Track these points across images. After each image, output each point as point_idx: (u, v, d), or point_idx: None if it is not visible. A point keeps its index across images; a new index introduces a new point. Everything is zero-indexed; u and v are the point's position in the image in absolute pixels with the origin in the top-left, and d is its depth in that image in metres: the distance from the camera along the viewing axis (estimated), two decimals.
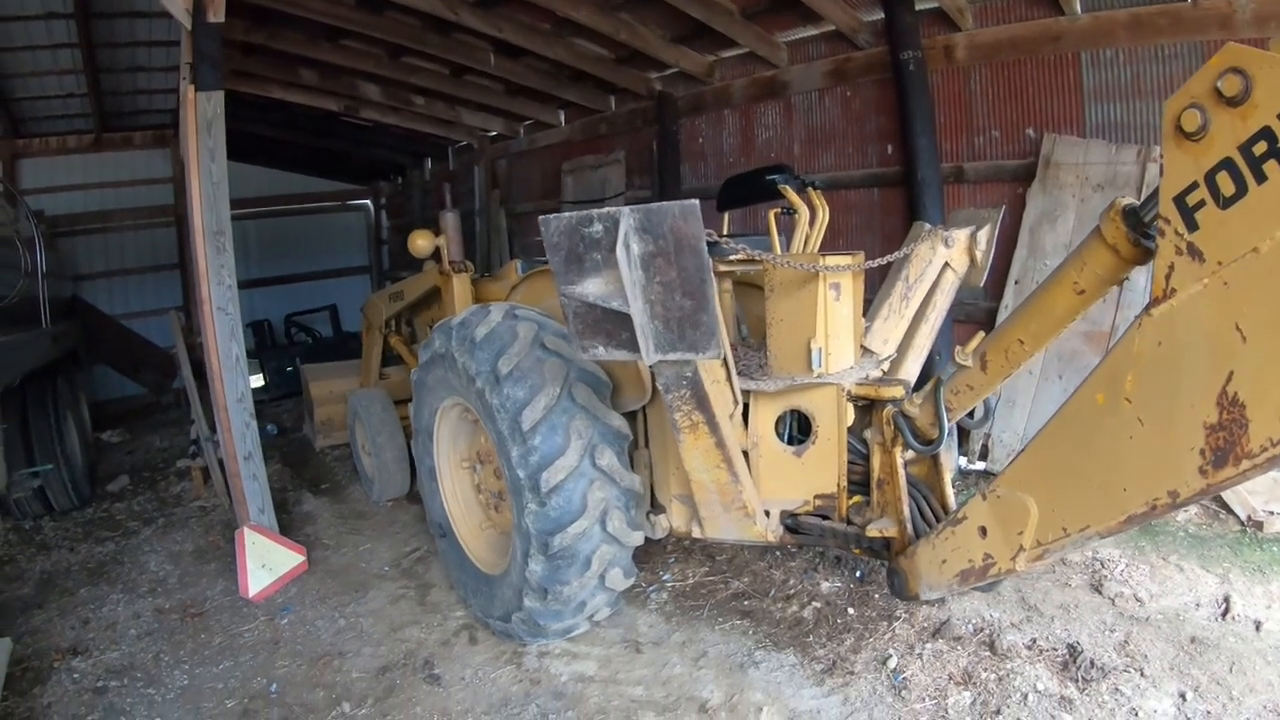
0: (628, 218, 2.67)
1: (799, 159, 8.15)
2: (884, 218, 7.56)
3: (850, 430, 3.93)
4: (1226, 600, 4.34)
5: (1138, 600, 4.46)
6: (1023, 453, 2.77)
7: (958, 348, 3.41)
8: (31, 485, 6.93)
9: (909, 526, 3.61)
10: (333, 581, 5.62)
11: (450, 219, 6.17)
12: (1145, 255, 2.66)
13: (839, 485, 3.89)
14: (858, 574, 5.02)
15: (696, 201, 2.62)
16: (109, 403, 11.97)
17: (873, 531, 3.71)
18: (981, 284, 5.40)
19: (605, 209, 2.73)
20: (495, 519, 4.81)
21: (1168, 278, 2.11)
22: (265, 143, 13.47)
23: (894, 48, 7.00)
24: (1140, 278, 5.96)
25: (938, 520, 3.61)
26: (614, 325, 2.87)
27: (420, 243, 5.76)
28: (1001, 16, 6.68)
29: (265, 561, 5.50)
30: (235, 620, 5.16)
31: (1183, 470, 2.13)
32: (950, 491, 3.81)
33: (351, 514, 6.99)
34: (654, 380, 3.82)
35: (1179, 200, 2.04)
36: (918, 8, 6.87)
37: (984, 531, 2.93)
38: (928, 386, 3.57)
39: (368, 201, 17.24)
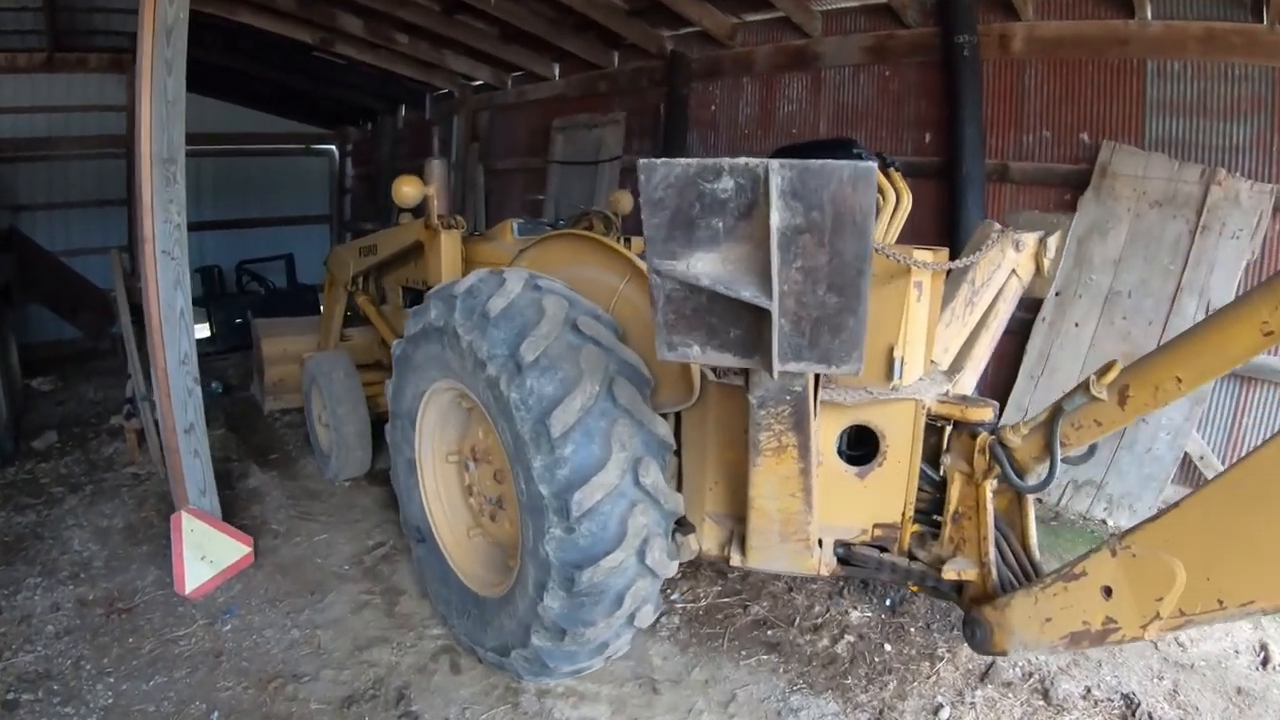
0: (778, 173, 1.97)
1: (824, 138, 7.56)
2: (916, 210, 6.99)
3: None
4: (1264, 648, 4.25)
5: (1179, 645, 4.26)
6: (1173, 510, 2.48)
7: (1091, 377, 2.92)
8: None
9: (993, 572, 3.23)
10: (284, 579, 4.87)
11: (438, 167, 5.42)
12: None
13: (904, 515, 3.46)
14: (888, 602, 4.64)
15: (875, 165, 1.98)
16: (41, 346, 11.09)
17: (949, 573, 3.31)
18: (1048, 294, 4.96)
19: (742, 159, 2.03)
20: (489, 527, 4.07)
21: None
22: (228, 74, 12.62)
23: (946, 30, 6.63)
24: (1190, 304, 6.04)
25: (1020, 566, 3.28)
26: (723, 319, 2.19)
27: (406, 189, 4.96)
28: (1066, 11, 6.38)
29: (205, 552, 4.74)
30: (170, 622, 4.44)
31: None
32: (1034, 534, 3.38)
33: (304, 494, 6.21)
34: (701, 379, 3.36)
35: None
36: None
37: (1109, 592, 2.65)
38: (1041, 415, 3.11)
39: (333, 147, 16.34)
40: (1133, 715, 3.70)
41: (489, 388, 3.24)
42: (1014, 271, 4.37)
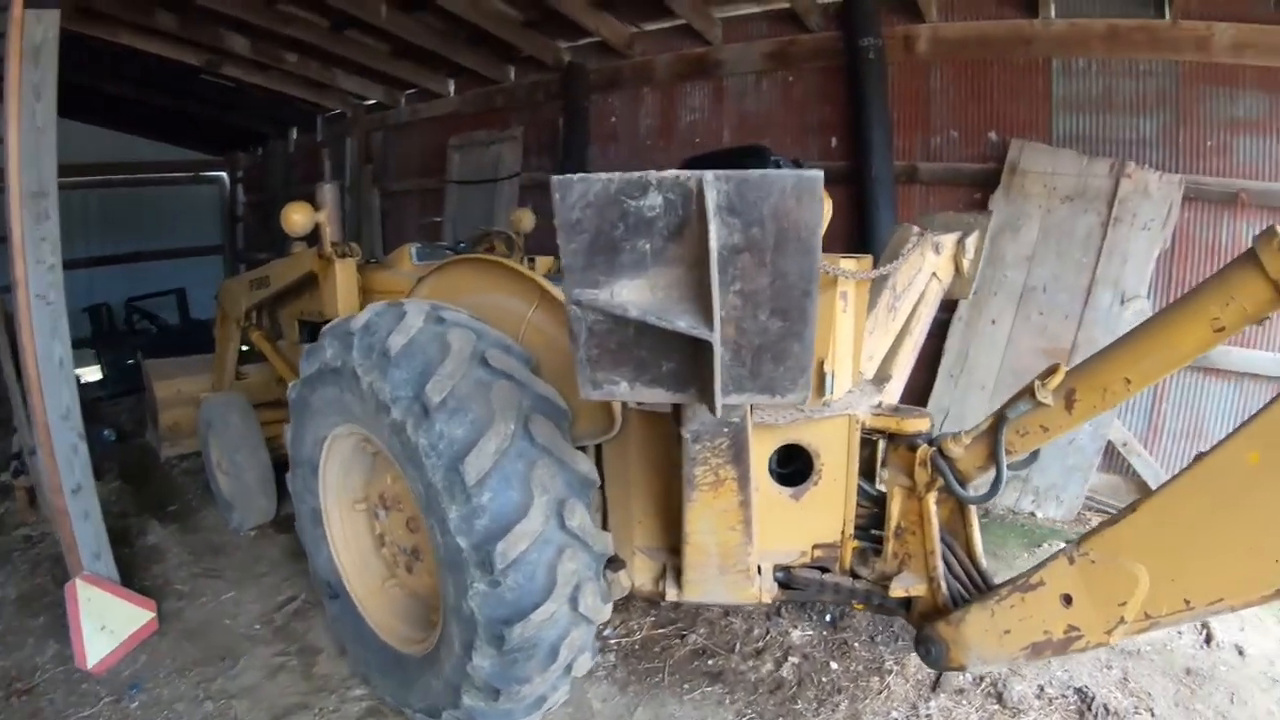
0: (714, 186, 1.79)
1: (726, 146, 7.53)
2: None
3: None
4: (1206, 627, 4.36)
5: None
6: (1130, 514, 2.49)
7: (1037, 382, 2.86)
8: None
9: (943, 586, 3.17)
10: (191, 646, 4.50)
11: (330, 192, 5.13)
12: None
13: (844, 533, 3.38)
14: (827, 618, 4.53)
15: (820, 174, 1.81)
16: None
17: (897, 590, 3.24)
18: (969, 295, 4.96)
19: (670, 171, 1.84)
20: (405, 579, 3.79)
21: None
22: (110, 101, 12.03)
23: (850, 34, 6.64)
24: (1105, 295, 6.12)
25: (968, 576, 3.22)
26: (653, 352, 2.00)
27: (296, 217, 4.65)
28: (970, 12, 6.47)
29: (105, 622, 4.33)
30: (73, 701, 4.05)
31: None
32: (979, 543, 3.29)
33: (207, 548, 5.79)
34: (623, 406, 3.18)
35: None
36: None
37: (1069, 600, 2.66)
38: (984, 423, 3.04)
39: (223, 174, 15.68)
40: (1089, 709, 3.70)
41: (394, 433, 2.98)
42: (934, 274, 4.32)
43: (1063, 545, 5.28)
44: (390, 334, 3.00)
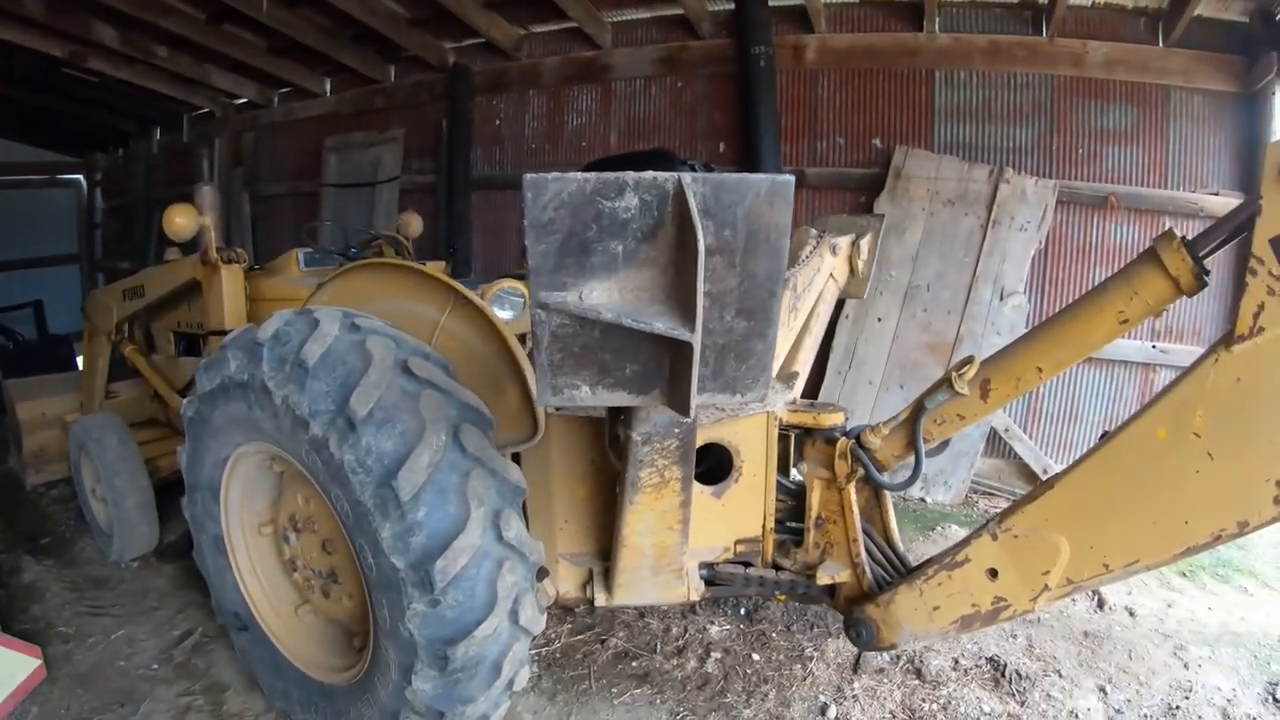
0: (692, 189, 1.77)
1: (615, 148, 7.62)
2: None
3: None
4: (1097, 593, 4.73)
5: None
6: (1048, 490, 2.69)
7: (954, 373, 3.05)
8: None
9: (867, 571, 3.32)
10: (85, 693, 4.13)
11: (210, 194, 4.85)
12: (1200, 288, 2.65)
13: (765, 527, 3.49)
14: (742, 611, 4.61)
15: (792, 179, 1.82)
16: None
17: (823, 578, 3.36)
18: (864, 295, 5.13)
19: (649, 173, 1.81)
20: (321, 604, 3.58)
21: (1256, 316, 2.22)
22: None
23: (741, 41, 6.80)
24: (986, 292, 6.40)
25: (888, 559, 3.41)
26: (618, 355, 1.95)
27: (180, 220, 4.39)
28: (859, 24, 6.77)
29: None
30: None
31: (1256, 501, 2.27)
32: (895, 527, 3.51)
33: (88, 582, 5.38)
34: (545, 415, 3.20)
35: (1275, 242, 2.14)
36: (770, 3, 6.71)
37: (994, 574, 2.84)
38: (902, 414, 3.24)
39: (80, 177, 14.70)
40: (1002, 675, 3.92)
41: (314, 450, 2.81)
42: (831, 275, 4.41)
43: (954, 527, 5.64)
44: (305, 343, 2.82)
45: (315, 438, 2.76)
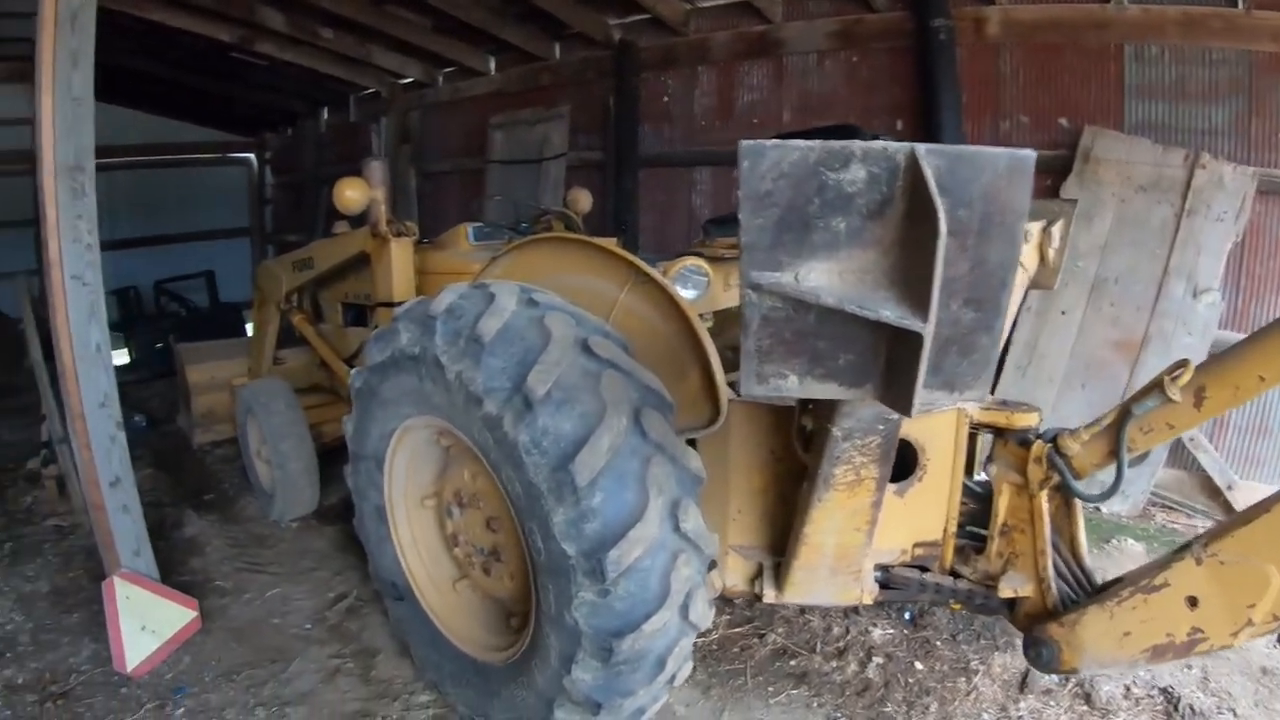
0: (927, 161, 1.55)
1: (788, 129, 7.26)
2: None
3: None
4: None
5: None
6: (1263, 514, 2.40)
7: (1165, 378, 2.72)
8: None
9: (1052, 587, 3.05)
10: (239, 646, 4.23)
11: (380, 169, 4.85)
12: None
13: (946, 531, 3.28)
14: (907, 615, 4.36)
15: (1033, 154, 1.60)
16: None
17: (1005, 591, 3.13)
18: (1054, 286, 4.76)
19: (878, 142, 1.61)
20: (481, 581, 3.51)
21: None
22: (137, 80, 11.87)
23: (919, 14, 6.44)
24: (1178, 287, 5.89)
25: (1074, 576, 3.12)
26: (833, 343, 1.74)
27: (350, 194, 4.38)
28: None
29: (146, 622, 4.08)
30: (113, 708, 3.79)
31: None
32: (1084, 541, 3.18)
33: (249, 539, 5.54)
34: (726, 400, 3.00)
35: None
36: None
37: (1194, 602, 2.56)
38: (1106, 419, 2.89)
39: (251, 155, 15.47)
40: (1175, 709, 3.64)
41: (487, 428, 2.70)
42: (1020, 263, 4.07)
43: (1130, 541, 5.21)
44: (480, 318, 2.71)
45: (489, 415, 2.65)
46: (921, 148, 1.56)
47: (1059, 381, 6.14)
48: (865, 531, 2.79)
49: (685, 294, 3.48)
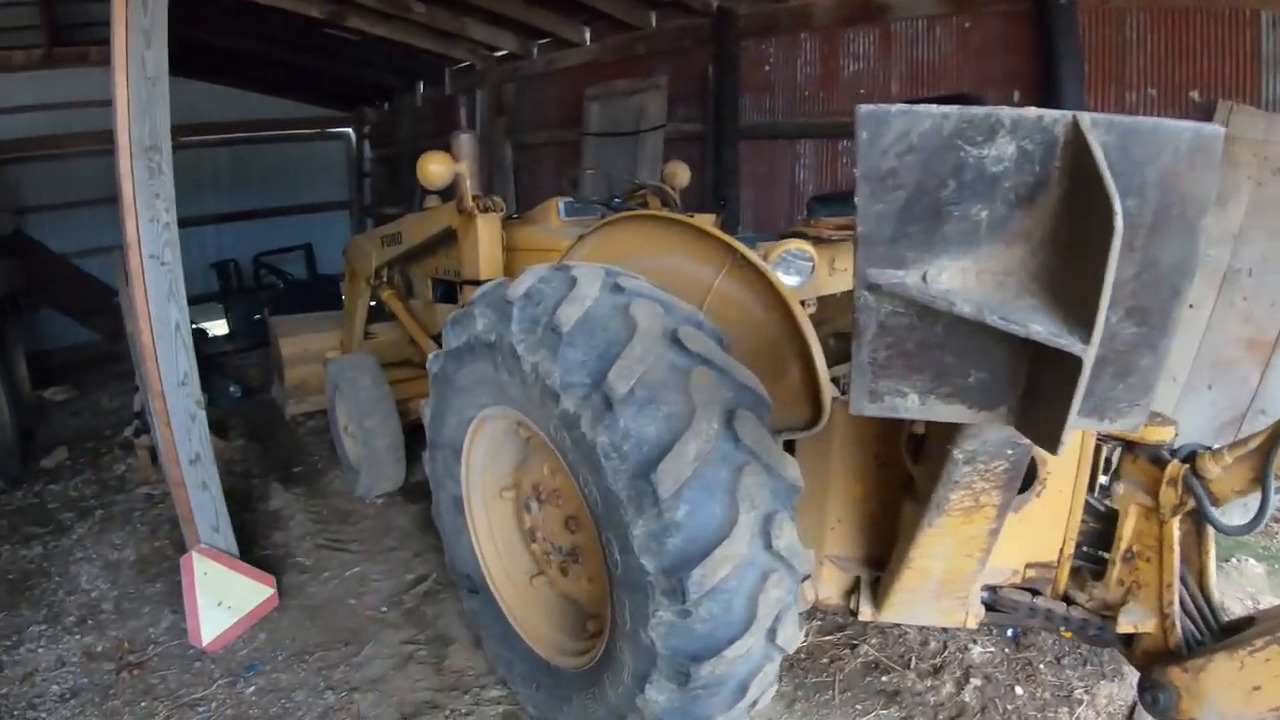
0: (1093, 133, 1.26)
1: (897, 98, 6.78)
2: None
3: None
4: None
5: None
6: None
7: None
8: None
9: (1176, 625, 2.72)
10: (313, 626, 4.20)
11: (468, 142, 4.68)
12: None
13: (1063, 553, 2.96)
14: (1009, 634, 4.00)
15: (1221, 131, 1.31)
16: (55, 352, 10.77)
17: (1124, 624, 2.81)
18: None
19: (1031, 110, 1.31)
20: (558, 580, 3.33)
21: None
22: (235, 59, 12.04)
23: None
24: None
25: (1199, 613, 2.80)
26: (963, 358, 1.46)
27: (434, 168, 4.22)
28: None
29: (222, 597, 4.09)
30: (186, 681, 3.83)
31: None
32: (1214, 575, 2.84)
33: (332, 515, 5.53)
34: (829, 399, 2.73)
35: None
36: None
37: None
38: (1253, 441, 2.50)
39: (349, 130, 15.57)
40: None
41: (564, 426, 2.49)
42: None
43: (1250, 561, 4.79)
44: (560, 305, 2.49)
45: (566, 413, 2.44)
46: (1086, 117, 1.26)
47: (1183, 382, 5.61)
48: (978, 559, 2.52)
49: (788, 280, 3.19)
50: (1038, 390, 1.46)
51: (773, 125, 7.76)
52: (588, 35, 9.65)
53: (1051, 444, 1.43)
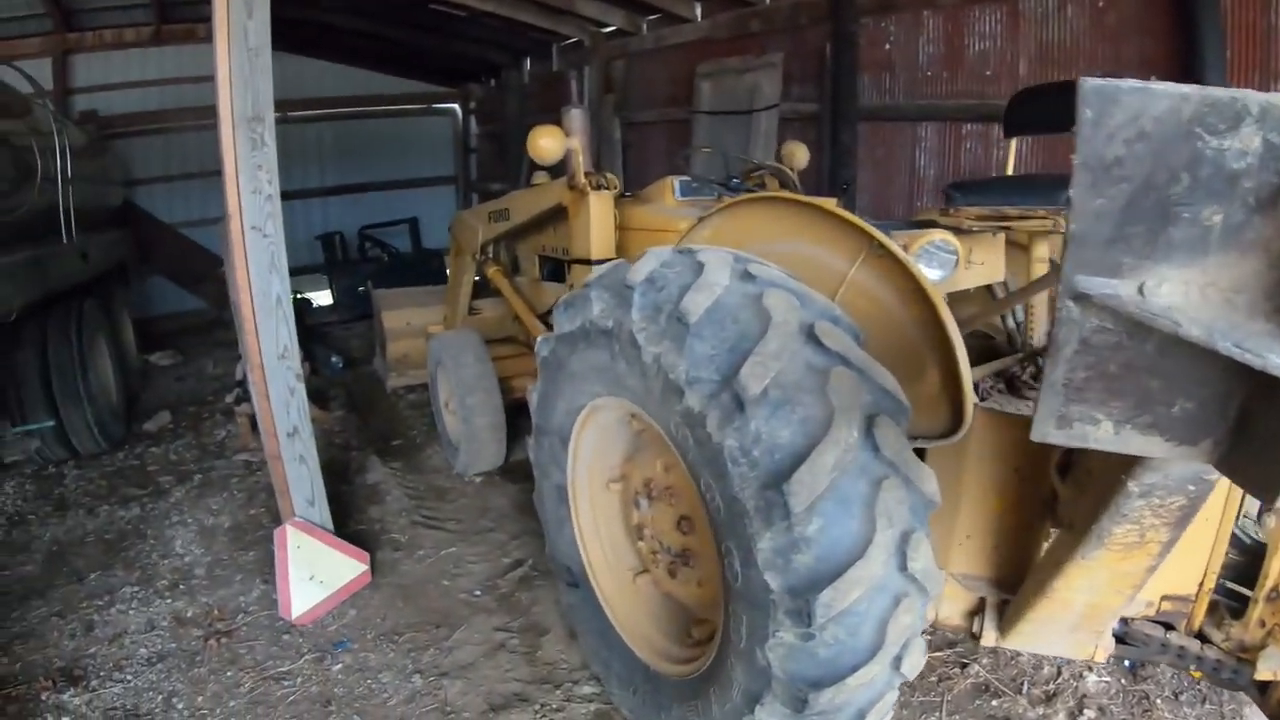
0: None
1: (1025, 82, 6.31)
2: None
3: None
4: None
5: None
6: None
7: None
8: (28, 447, 5.75)
9: None
10: (405, 606, 4.14)
11: (579, 117, 4.52)
12: None
13: (1202, 586, 2.76)
14: (1126, 663, 3.68)
15: None
16: (163, 319, 11.21)
17: (1263, 671, 2.63)
18: None
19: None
20: (664, 581, 3.16)
21: None
22: (342, 35, 12.15)
23: None
24: None
25: None
26: (1171, 385, 1.24)
27: (545, 143, 4.04)
28: None
29: (315, 571, 4.06)
30: (273, 653, 3.81)
31: None
32: None
33: (429, 491, 5.49)
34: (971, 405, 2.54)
35: None
36: None
37: None
38: None
39: (455, 106, 15.61)
40: None
41: (687, 424, 2.30)
42: None
43: None
44: (687, 292, 2.29)
45: (690, 411, 2.24)
46: None
47: None
48: (1127, 596, 2.31)
49: (930, 273, 2.93)
50: (1253, 428, 1.22)
51: (893, 106, 7.39)
52: (699, 11, 9.37)
53: (1268, 493, 1.21)
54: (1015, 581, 2.67)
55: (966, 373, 2.48)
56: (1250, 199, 1.12)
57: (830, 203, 2.96)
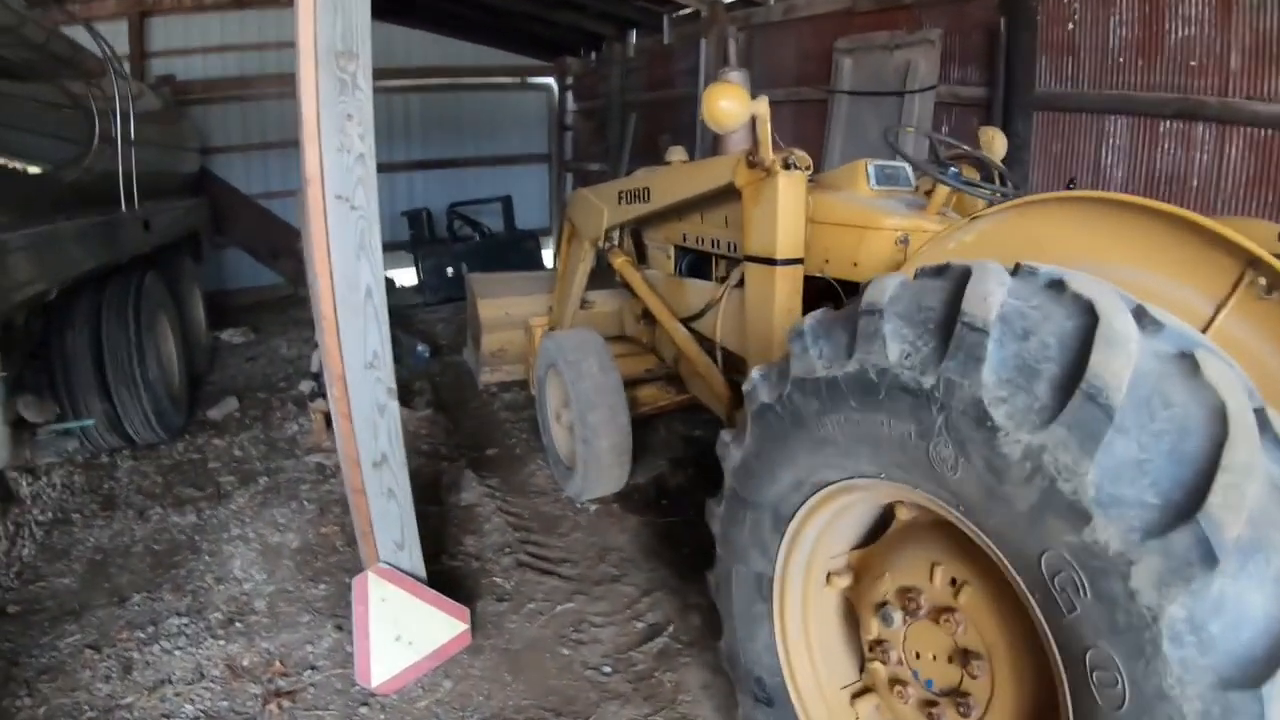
0: None
1: (1236, 76, 5.37)
2: None
3: None
4: None
5: None
6: None
7: None
8: (64, 448, 5.13)
9: None
10: (514, 681, 3.31)
11: (740, 81, 3.63)
12: None
13: None
14: None
15: None
16: (237, 293, 10.83)
17: None
18: None
19: None
20: (902, 712, 2.23)
21: None
22: (434, 1, 11.56)
23: None
24: None
25: None
26: None
27: (727, 104, 3.16)
28: None
29: (402, 630, 3.25)
30: None
31: None
32: None
33: (536, 520, 4.67)
34: None
35: None
36: None
37: None
38: None
39: (551, 80, 14.78)
40: None
41: (1078, 561, 1.41)
42: None
43: None
44: (1090, 350, 1.42)
45: (1094, 547, 1.37)
46: None
47: None
48: None
49: None
50: None
51: (1075, 95, 6.35)
52: None
53: None
54: None
55: None
56: None
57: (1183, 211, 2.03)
